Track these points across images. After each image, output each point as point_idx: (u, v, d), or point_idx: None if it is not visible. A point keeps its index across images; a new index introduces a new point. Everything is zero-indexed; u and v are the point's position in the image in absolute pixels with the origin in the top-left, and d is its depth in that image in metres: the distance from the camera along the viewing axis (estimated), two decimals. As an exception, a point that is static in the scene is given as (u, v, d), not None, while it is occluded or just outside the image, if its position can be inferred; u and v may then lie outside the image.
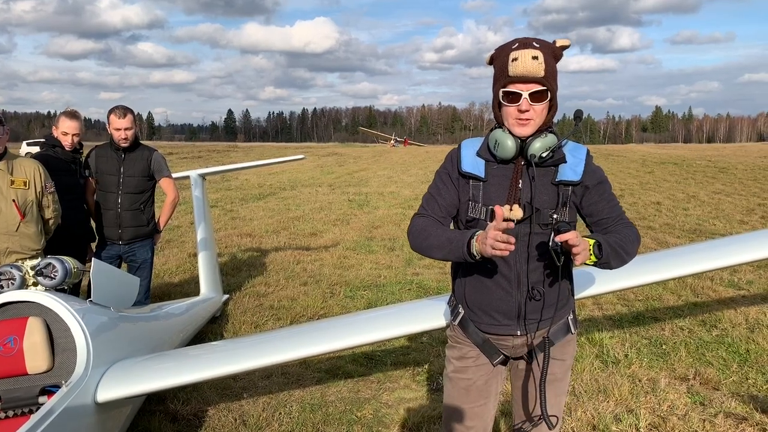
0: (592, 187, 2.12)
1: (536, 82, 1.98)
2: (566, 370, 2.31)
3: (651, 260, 3.61)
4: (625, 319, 5.70)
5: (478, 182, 2.12)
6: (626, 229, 2.12)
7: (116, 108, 4.73)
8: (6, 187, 3.76)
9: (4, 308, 2.86)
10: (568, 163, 2.09)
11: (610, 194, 2.17)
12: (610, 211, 2.15)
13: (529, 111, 2.00)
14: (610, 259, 1.99)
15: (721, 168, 24.25)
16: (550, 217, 2.05)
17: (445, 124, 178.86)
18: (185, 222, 11.15)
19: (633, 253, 2.09)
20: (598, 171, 2.16)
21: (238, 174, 22.00)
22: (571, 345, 2.31)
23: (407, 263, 8.13)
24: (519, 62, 1.96)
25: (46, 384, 2.75)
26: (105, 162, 4.77)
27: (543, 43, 2.01)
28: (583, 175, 2.09)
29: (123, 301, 3.56)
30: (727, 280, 6.85)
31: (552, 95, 2.02)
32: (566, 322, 2.25)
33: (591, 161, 2.15)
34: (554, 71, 2.01)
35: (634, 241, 2.11)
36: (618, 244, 2.03)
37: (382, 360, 4.72)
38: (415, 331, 3.10)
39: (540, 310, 2.15)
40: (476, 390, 2.27)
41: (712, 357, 4.71)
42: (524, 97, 1.99)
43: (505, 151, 2.05)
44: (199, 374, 2.98)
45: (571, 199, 2.11)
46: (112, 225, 4.79)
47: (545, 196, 2.07)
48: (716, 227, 10.65)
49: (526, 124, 2.02)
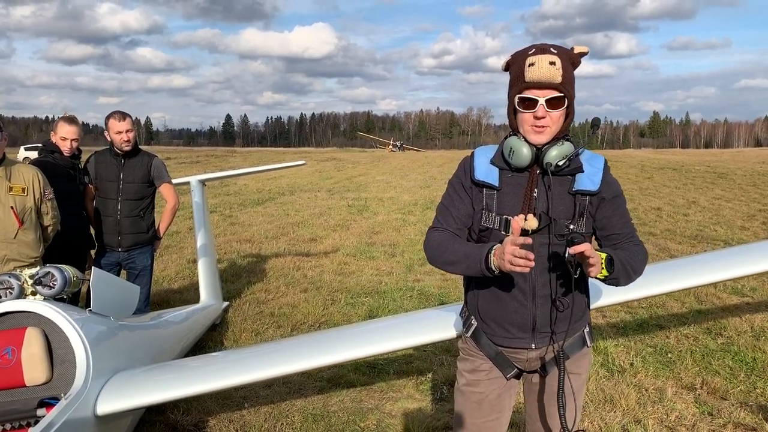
0: (608, 200, 2.08)
1: (553, 89, 1.93)
2: (581, 384, 2.25)
3: (658, 271, 3.57)
4: (629, 326, 5.65)
5: (492, 191, 2.07)
6: (635, 247, 2.10)
7: (114, 112, 4.68)
8: (4, 193, 3.70)
9: (2, 318, 2.80)
10: (586, 173, 2.04)
11: (625, 210, 2.14)
12: (623, 227, 2.11)
13: (545, 118, 1.95)
14: (620, 275, 1.98)
15: (720, 173, 24.26)
16: (566, 227, 2.00)
17: (443, 130, 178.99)
18: (184, 228, 11.09)
19: (640, 272, 2.07)
20: (614, 183, 2.12)
21: (237, 179, 21.93)
22: (587, 358, 2.27)
23: (408, 269, 8.08)
24: (536, 68, 1.91)
25: (45, 396, 2.69)
26: (104, 168, 4.71)
27: (561, 49, 1.97)
28: (601, 185, 2.05)
29: (123, 310, 3.51)
30: (730, 287, 6.80)
31: (569, 102, 1.98)
32: (582, 335, 2.21)
33: (609, 172, 2.11)
34: (572, 78, 1.97)
35: (643, 260, 2.09)
36: (627, 261, 2.01)
37: (384, 369, 4.66)
38: (423, 343, 3.06)
39: (556, 323, 2.09)
40: (488, 404, 2.22)
41: (718, 366, 4.65)
42: (540, 103, 1.94)
43: (520, 158, 2.00)
44: (200, 386, 2.93)
45: (588, 210, 2.05)
46: (112, 232, 4.73)
47: (561, 206, 2.02)
48: (717, 233, 10.61)
49: (542, 131, 1.98)
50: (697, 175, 23.55)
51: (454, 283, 7.27)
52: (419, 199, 16.28)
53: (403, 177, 24.97)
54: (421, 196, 17.25)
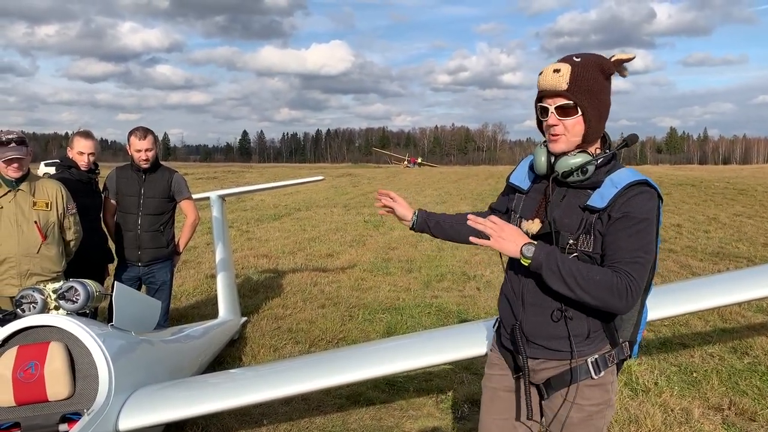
0: (614, 219, 1.91)
1: (561, 96, 1.94)
2: (586, 417, 2.06)
3: (682, 290, 3.51)
4: (652, 345, 5.55)
5: (521, 194, 2.19)
6: (610, 271, 1.87)
7: (136, 129, 4.72)
8: (28, 208, 3.74)
9: (26, 333, 2.82)
10: (602, 188, 1.96)
11: (630, 235, 1.89)
12: (615, 249, 1.90)
13: (557, 126, 1.98)
14: (543, 271, 1.88)
15: (741, 190, 23.93)
16: (568, 242, 1.97)
17: (458, 145, 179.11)
18: (202, 243, 11.14)
19: (592, 294, 1.86)
20: (634, 205, 1.91)
21: (253, 194, 22.05)
22: (595, 391, 2.06)
23: (426, 285, 8.03)
24: (543, 76, 1.97)
25: (67, 411, 2.70)
26: (126, 183, 4.75)
27: (586, 56, 1.96)
28: (611, 203, 1.92)
29: (144, 325, 3.51)
30: (755, 306, 6.66)
31: (583, 110, 1.95)
32: (585, 363, 2.04)
33: (635, 194, 1.92)
34: (590, 85, 1.94)
35: (602, 285, 1.85)
36: (571, 270, 1.86)
37: (404, 386, 4.61)
38: (444, 362, 3.05)
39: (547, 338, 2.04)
40: (500, 401, 2.22)
41: (746, 386, 4.55)
42: (551, 111, 1.97)
43: (538, 166, 2.08)
44: (220, 403, 2.92)
45: (595, 228, 1.95)
46: (132, 246, 4.76)
47: (568, 219, 1.99)
48: (740, 250, 10.45)
49: (556, 139, 2.00)
50: (716, 192, 23.26)
51: (472, 299, 7.22)
52: (435, 215, 16.22)
53: (419, 192, 24.96)
54: (436, 211, 17.20)
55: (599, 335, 2.05)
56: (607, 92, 2.00)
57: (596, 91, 1.95)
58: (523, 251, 1.90)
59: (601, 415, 2.09)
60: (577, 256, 1.96)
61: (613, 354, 2.07)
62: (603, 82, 1.97)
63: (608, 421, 2.13)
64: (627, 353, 2.12)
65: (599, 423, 2.09)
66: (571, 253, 1.96)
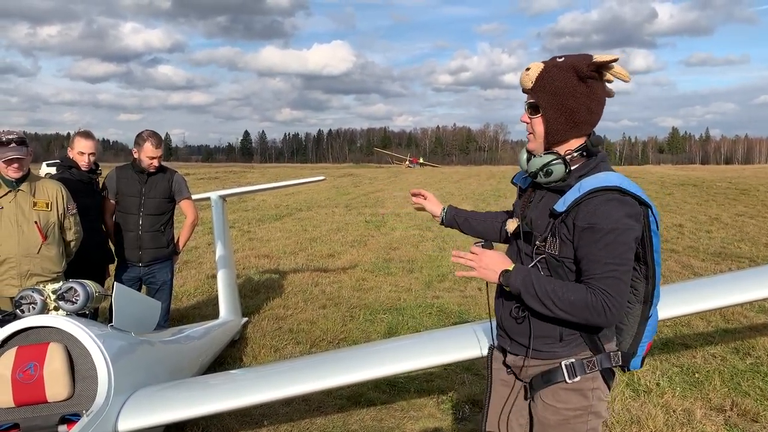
0: (580, 230, 1.89)
1: (528, 94, 2.01)
2: (562, 420, 2.03)
3: (684, 290, 3.50)
4: (653, 345, 5.50)
5: (520, 194, 2.25)
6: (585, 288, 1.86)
7: (151, 136, 4.69)
8: (28, 208, 3.74)
9: (25, 333, 2.81)
10: (567, 193, 1.94)
11: (600, 248, 1.85)
12: (586, 263, 1.89)
13: (528, 124, 2.04)
14: (522, 295, 1.95)
15: (743, 189, 23.89)
16: (535, 242, 2.02)
17: (459, 145, 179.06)
18: (203, 243, 11.14)
19: (570, 313, 1.88)
20: (599, 215, 1.86)
21: (255, 194, 22.05)
22: (572, 395, 2.02)
23: (427, 286, 8.02)
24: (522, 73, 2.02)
25: (66, 412, 2.69)
26: (126, 184, 4.74)
27: (569, 57, 1.97)
28: (570, 208, 1.89)
29: (144, 325, 3.50)
30: (758, 306, 6.64)
31: (543, 111, 1.97)
32: (558, 365, 2.02)
33: (600, 202, 1.86)
34: (553, 86, 1.94)
35: (577, 304, 1.85)
36: (546, 291, 1.89)
37: (405, 387, 4.59)
38: (445, 362, 3.03)
39: (523, 335, 2.07)
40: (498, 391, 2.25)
41: (748, 387, 4.53)
42: (525, 108, 2.04)
43: (520, 165, 2.13)
44: (220, 404, 2.91)
45: (560, 232, 1.94)
46: (133, 247, 4.75)
47: (540, 220, 2.03)
48: (742, 250, 10.42)
49: (529, 138, 2.06)
50: (718, 192, 23.22)
51: (473, 300, 7.20)
52: (437, 215, 16.20)
53: (421, 193, 24.91)
54: (438, 212, 17.17)
55: (575, 339, 2.02)
56: (580, 95, 1.93)
57: (563, 93, 1.92)
58: (501, 280, 1.99)
59: (581, 421, 2.03)
60: (545, 258, 2.00)
61: (595, 361, 2.02)
62: (575, 84, 1.92)
63: (593, 428, 2.05)
64: (616, 363, 2.06)
65: (580, 428, 2.04)
66: (539, 254, 2.01)
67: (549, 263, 1.98)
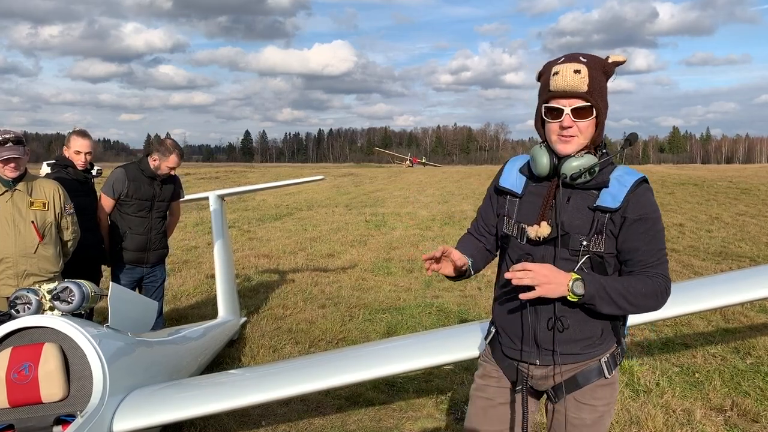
0: (631, 221, 1.93)
1: (579, 98, 1.90)
2: (598, 417, 2.08)
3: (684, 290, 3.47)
4: (654, 345, 5.51)
5: (515, 198, 2.11)
6: (648, 279, 1.94)
7: (176, 147, 4.72)
8: (25, 208, 3.72)
9: (20, 334, 2.79)
10: (611, 189, 1.95)
11: (651, 236, 1.95)
12: (641, 254, 1.95)
13: (572, 127, 1.93)
14: (596, 302, 1.90)
15: (743, 189, 23.84)
16: (580, 243, 1.95)
17: (460, 145, 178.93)
18: (202, 243, 11.12)
19: (640, 306, 1.94)
20: (646, 205, 1.95)
21: (255, 194, 22.04)
22: (607, 390, 2.08)
23: (427, 285, 8.00)
24: (560, 76, 1.90)
25: (61, 413, 2.67)
26: (138, 187, 4.69)
27: (591, 57, 1.93)
28: (623, 203, 1.93)
29: (141, 325, 3.49)
30: (758, 305, 6.61)
31: (598, 112, 1.93)
32: (598, 364, 2.06)
33: (643, 192, 1.96)
34: (601, 87, 1.92)
35: (648, 294, 1.93)
36: (619, 291, 1.90)
37: (403, 387, 4.58)
38: (443, 363, 3.01)
39: (561, 343, 2.01)
40: (494, 412, 2.18)
41: (748, 387, 4.51)
42: (566, 112, 1.91)
43: (539, 168, 2.01)
44: (217, 405, 2.88)
45: (608, 228, 1.95)
46: (141, 249, 4.76)
47: (578, 220, 1.96)
48: (743, 250, 10.40)
49: (569, 141, 1.95)
50: (719, 191, 23.16)
51: (473, 300, 7.18)
52: (437, 215, 16.19)
53: (421, 192, 24.89)
54: (438, 211, 17.16)
55: (609, 334, 2.07)
56: (607, 94, 2.00)
57: (604, 93, 1.96)
58: (573, 290, 1.88)
59: (609, 414, 2.12)
60: (589, 257, 1.96)
61: (618, 352, 2.10)
62: (606, 83, 1.97)
63: (611, 418, 2.15)
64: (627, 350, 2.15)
65: (607, 422, 2.12)
66: (583, 255, 1.96)
67: (593, 262, 1.97)
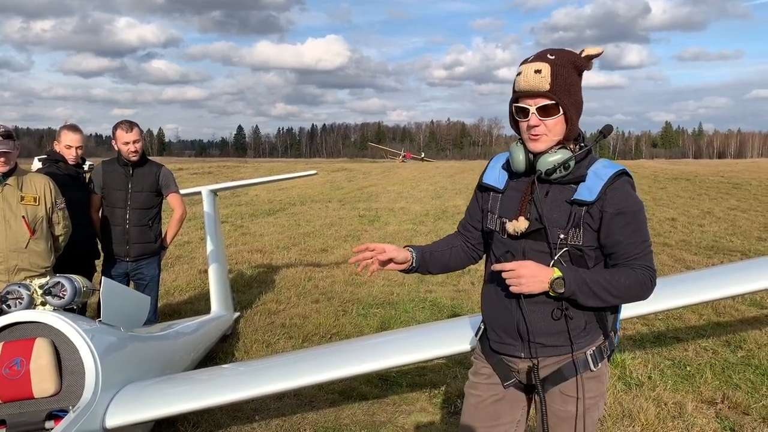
0: (610, 215, 1.94)
1: (543, 97, 1.91)
2: (585, 409, 2.07)
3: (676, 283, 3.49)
4: (646, 339, 5.54)
5: (497, 194, 2.16)
6: (631, 271, 1.95)
7: (122, 123, 4.68)
8: (16, 203, 3.70)
9: (12, 329, 2.78)
10: (588, 182, 1.97)
11: (633, 229, 1.96)
12: (624, 247, 1.96)
13: (539, 126, 1.95)
14: (578, 296, 1.92)
15: (735, 184, 23.99)
16: (557, 236, 1.97)
17: (454, 140, 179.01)
18: (195, 238, 11.08)
19: (624, 298, 1.98)
20: (625, 199, 1.96)
21: (248, 189, 21.97)
22: (593, 383, 2.07)
23: (420, 280, 8.00)
24: (522, 76, 1.94)
25: (53, 408, 2.66)
26: (112, 177, 4.69)
27: (560, 54, 1.94)
28: (600, 196, 1.93)
29: (133, 320, 3.47)
30: (749, 299, 6.66)
31: (564, 109, 1.93)
32: (584, 356, 2.05)
33: (621, 185, 1.97)
34: (568, 84, 1.93)
35: (632, 286, 1.94)
36: (601, 284, 1.92)
37: (397, 381, 4.58)
38: (437, 356, 3.01)
39: (542, 335, 2.02)
40: (485, 409, 2.20)
41: (739, 379, 4.54)
42: (532, 111, 1.94)
43: (515, 164, 2.06)
44: (210, 400, 2.88)
45: (584, 221, 1.96)
46: (120, 241, 4.71)
47: (555, 213, 1.99)
48: (734, 244, 10.46)
49: (537, 139, 1.98)
50: (711, 186, 23.30)
51: (466, 294, 7.20)
52: (430, 210, 16.19)
53: (414, 187, 24.90)
54: (432, 206, 17.16)
55: (593, 327, 2.06)
56: (580, 89, 2.00)
57: (573, 89, 1.95)
58: (554, 287, 1.90)
59: (596, 408, 2.11)
60: (567, 250, 1.97)
61: (606, 345, 2.10)
62: (577, 79, 1.97)
63: (601, 412, 2.14)
64: (616, 343, 2.15)
65: (595, 415, 2.11)
66: (561, 247, 1.97)
67: (571, 255, 1.99)
